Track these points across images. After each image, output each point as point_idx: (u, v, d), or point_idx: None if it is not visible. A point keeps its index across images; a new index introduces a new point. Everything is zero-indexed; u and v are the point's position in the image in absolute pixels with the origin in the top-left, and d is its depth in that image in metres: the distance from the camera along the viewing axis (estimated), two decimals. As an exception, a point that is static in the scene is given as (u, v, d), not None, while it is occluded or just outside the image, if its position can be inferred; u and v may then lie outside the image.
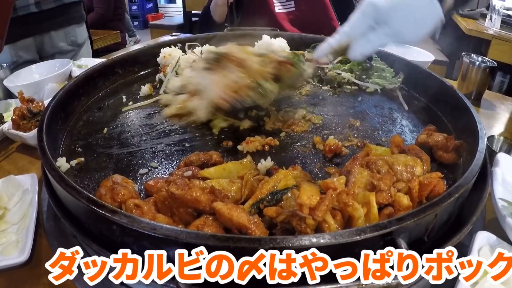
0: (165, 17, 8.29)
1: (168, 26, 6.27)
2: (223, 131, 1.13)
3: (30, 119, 1.21)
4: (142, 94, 1.35)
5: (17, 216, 0.90)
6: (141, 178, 0.93)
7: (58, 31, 2.00)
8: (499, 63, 1.77)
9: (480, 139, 0.88)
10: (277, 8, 2.16)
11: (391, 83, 1.40)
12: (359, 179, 0.80)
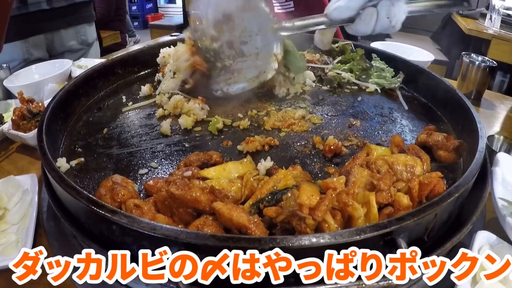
0: (165, 17, 8.29)
1: (168, 26, 6.27)
2: (223, 131, 1.13)
3: (30, 119, 1.21)
4: (142, 94, 1.35)
5: (17, 217, 0.90)
6: (141, 178, 0.93)
7: (68, 29, 2.02)
8: (499, 63, 1.77)
9: (480, 139, 0.89)
10: (276, 9, 2.16)
11: (391, 83, 1.40)
12: (359, 179, 0.80)
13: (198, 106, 1.19)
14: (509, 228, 0.79)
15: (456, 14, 3.88)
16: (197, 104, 1.20)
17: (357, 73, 1.47)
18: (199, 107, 1.19)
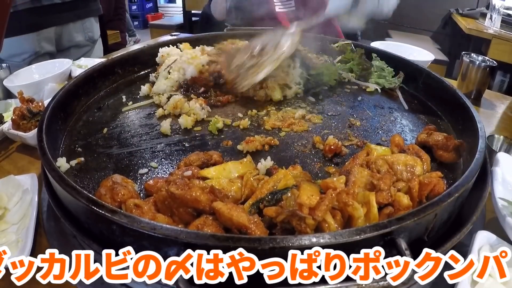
0: (165, 17, 8.28)
1: (168, 26, 6.26)
2: (223, 131, 1.13)
3: (30, 119, 1.21)
4: (142, 94, 1.35)
5: (17, 216, 0.90)
6: (141, 178, 0.93)
7: (76, 23, 2.07)
8: (499, 63, 1.77)
9: (480, 139, 0.89)
10: (278, 7, 2.16)
11: (391, 82, 1.40)
12: (359, 178, 0.80)
13: (198, 106, 1.19)
14: (509, 228, 0.79)
15: (456, 13, 3.88)
16: (198, 104, 1.20)
17: (357, 72, 1.47)
18: (200, 107, 1.19)
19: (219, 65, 1.32)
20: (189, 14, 5.58)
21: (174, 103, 1.20)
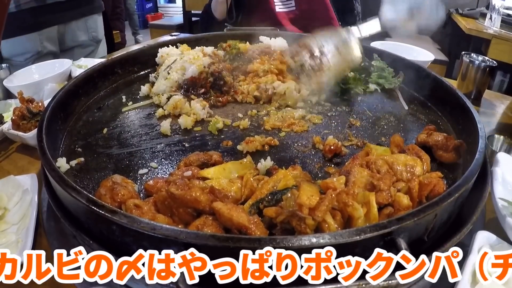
0: (165, 17, 8.28)
1: (168, 26, 6.26)
2: (222, 131, 1.13)
3: (30, 119, 1.21)
4: (141, 94, 1.35)
5: (17, 216, 0.90)
6: (141, 178, 0.93)
7: (79, 22, 2.06)
8: (499, 63, 1.77)
9: (480, 139, 0.88)
10: (278, 7, 2.16)
11: (391, 82, 1.40)
12: (359, 179, 0.80)
13: (198, 106, 1.19)
14: (509, 228, 0.79)
15: (456, 13, 3.88)
16: (198, 104, 1.20)
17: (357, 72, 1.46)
18: (200, 107, 1.19)
19: (221, 66, 1.33)
20: (189, 14, 5.57)
21: (174, 103, 1.20)
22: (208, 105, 1.24)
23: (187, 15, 5.58)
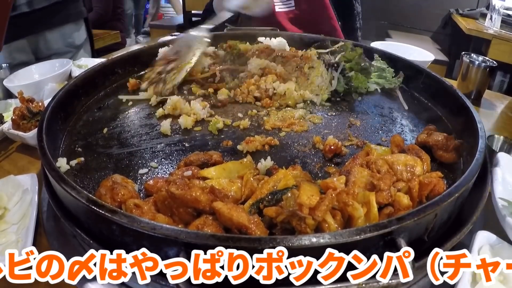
0: (165, 17, 8.28)
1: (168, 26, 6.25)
2: (223, 131, 1.13)
3: (30, 119, 1.21)
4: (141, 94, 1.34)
5: (17, 216, 0.90)
6: (141, 178, 0.93)
7: (53, 31, 1.92)
8: (499, 63, 1.77)
9: (480, 139, 0.88)
10: (277, 7, 2.16)
11: (391, 82, 1.40)
12: (359, 178, 0.80)
13: (198, 106, 1.19)
14: (509, 228, 0.79)
15: (456, 14, 3.88)
16: (198, 104, 1.20)
17: None
18: (200, 107, 1.19)
19: (221, 67, 1.35)
20: (189, 14, 5.57)
21: (173, 104, 1.19)
22: (209, 106, 1.23)
23: (187, 15, 5.58)
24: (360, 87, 1.36)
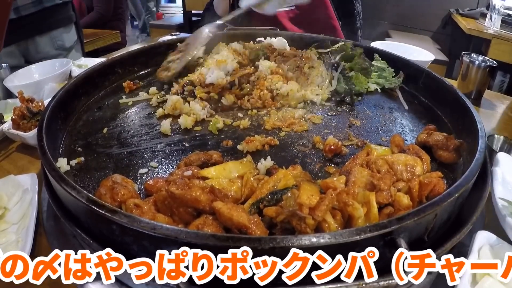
0: (165, 16, 8.28)
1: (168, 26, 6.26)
2: (223, 131, 1.13)
3: (30, 118, 1.21)
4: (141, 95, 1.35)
5: (17, 216, 0.90)
6: (141, 177, 0.93)
7: (43, 36, 1.92)
8: (499, 63, 1.77)
9: (480, 139, 0.88)
10: (278, 7, 2.16)
11: (391, 82, 1.40)
12: (359, 178, 0.80)
13: (198, 106, 1.19)
14: (509, 228, 0.79)
15: (456, 14, 3.88)
16: (198, 104, 1.19)
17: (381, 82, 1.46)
18: (200, 107, 1.19)
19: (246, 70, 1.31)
20: (189, 14, 5.58)
21: (172, 104, 1.19)
22: (209, 106, 1.23)
23: (187, 15, 5.59)
24: (361, 87, 1.36)
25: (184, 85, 1.29)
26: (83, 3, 3.95)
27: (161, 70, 1.42)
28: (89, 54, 2.32)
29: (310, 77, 1.34)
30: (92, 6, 4.01)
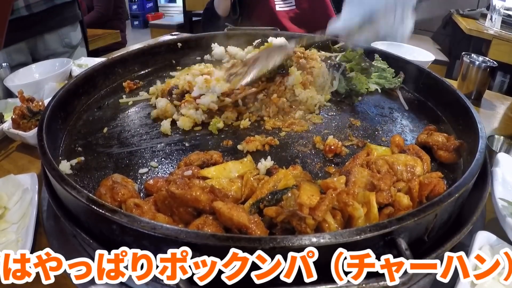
0: (165, 16, 8.29)
1: (168, 25, 6.27)
2: (223, 131, 1.13)
3: (30, 118, 1.21)
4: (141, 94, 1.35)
5: (17, 215, 0.90)
6: (141, 177, 0.93)
7: (52, 33, 1.96)
8: (500, 63, 1.77)
9: (480, 139, 0.88)
10: (278, 6, 2.17)
11: (391, 83, 1.40)
12: (359, 178, 0.80)
13: (193, 111, 1.15)
14: (509, 228, 0.79)
15: (456, 14, 3.88)
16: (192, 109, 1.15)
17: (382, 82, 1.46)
18: (195, 111, 1.15)
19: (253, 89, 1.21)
20: (189, 14, 5.58)
21: (164, 108, 1.17)
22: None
23: (188, 15, 5.59)
24: (361, 87, 1.36)
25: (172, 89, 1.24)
26: (84, 3, 3.95)
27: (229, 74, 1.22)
28: (90, 53, 2.34)
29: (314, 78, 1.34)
30: (92, 6, 4.01)
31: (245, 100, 1.18)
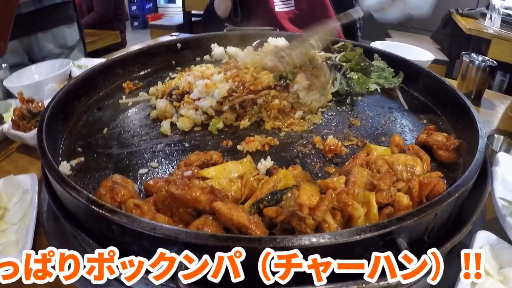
0: (164, 17, 8.29)
1: (168, 26, 6.27)
2: (222, 131, 1.13)
3: (30, 119, 1.21)
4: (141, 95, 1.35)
5: (17, 216, 0.90)
6: (141, 178, 0.93)
7: (45, 33, 1.95)
8: (499, 62, 1.77)
9: (480, 139, 0.88)
10: (277, 7, 2.16)
11: (391, 82, 1.40)
12: (359, 178, 0.80)
13: (192, 112, 1.14)
14: (509, 228, 0.79)
15: (456, 13, 3.88)
16: (191, 110, 1.15)
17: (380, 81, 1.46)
18: (194, 112, 1.15)
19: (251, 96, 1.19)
20: (189, 14, 5.58)
21: (163, 109, 1.17)
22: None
23: (187, 15, 5.59)
24: (361, 87, 1.35)
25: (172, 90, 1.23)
26: (83, 4, 3.96)
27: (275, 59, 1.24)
28: (89, 54, 2.34)
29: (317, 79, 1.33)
30: (92, 7, 4.01)
31: (243, 104, 1.17)
